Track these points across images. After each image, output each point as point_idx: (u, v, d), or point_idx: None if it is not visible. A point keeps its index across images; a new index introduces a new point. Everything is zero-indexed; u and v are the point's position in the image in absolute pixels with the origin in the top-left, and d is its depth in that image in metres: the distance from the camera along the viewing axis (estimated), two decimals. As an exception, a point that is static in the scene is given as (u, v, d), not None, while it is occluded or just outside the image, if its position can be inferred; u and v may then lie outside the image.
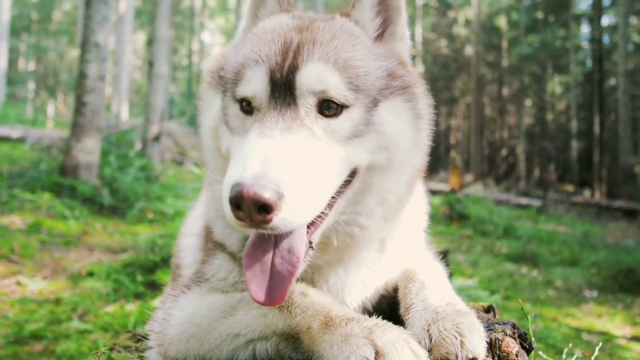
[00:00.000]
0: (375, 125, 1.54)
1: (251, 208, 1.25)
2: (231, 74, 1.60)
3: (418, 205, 1.95)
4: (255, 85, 1.51)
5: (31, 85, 49.21)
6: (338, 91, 1.49)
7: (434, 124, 1.74)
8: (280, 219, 1.28)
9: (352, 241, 1.66)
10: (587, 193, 35.42)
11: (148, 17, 39.38)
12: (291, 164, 1.33)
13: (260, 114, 1.50)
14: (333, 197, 1.49)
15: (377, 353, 1.28)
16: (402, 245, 1.88)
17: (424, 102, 1.69)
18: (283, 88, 1.48)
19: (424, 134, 1.70)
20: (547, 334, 6.15)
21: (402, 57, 1.71)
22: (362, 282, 1.80)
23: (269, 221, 1.27)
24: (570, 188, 36.79)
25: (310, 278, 1.77)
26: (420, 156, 1.72)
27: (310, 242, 1.51)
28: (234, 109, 1.58)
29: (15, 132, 16.58)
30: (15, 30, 41.94)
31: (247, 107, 1.54)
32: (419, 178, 1.81)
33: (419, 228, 1.97)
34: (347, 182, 1.55)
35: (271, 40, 1.57)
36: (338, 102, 1.49)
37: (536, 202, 23.92)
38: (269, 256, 1.41)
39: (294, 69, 1.48)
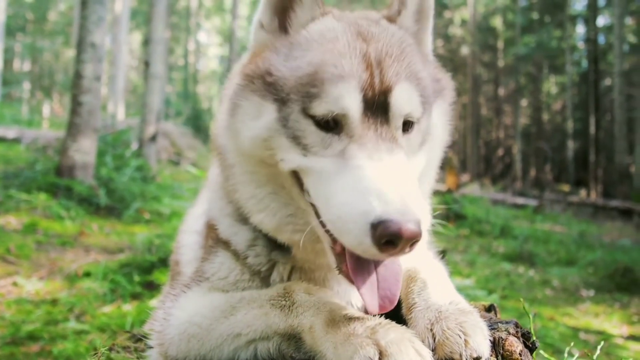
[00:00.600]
0: (431, 129, 1.63)
1: (407, 244, 1.25)
2: (296, 84, 1.48)
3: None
4: (347, 103, 1.42)
5: (27, 85, 49.02)
6: (418, 109, 1.52)
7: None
8: (419, 245, 1.30)
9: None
10: (583, 193, 35.53)
11: (144, 18, 39.34)
12: (413, 189, 1.34)
13: (354, 134, 1.43)
14: None
15: (380, 353, 1.27)
16: None
17: (451, 99, 1.79)
18: (375, 107, 1.44)
19: (447, 125, 1.79)
20: (545, 333, 6.16)
21: (434, 61, 1.79)
22: None
23: (412, 250, 1.29)
24: (566, 188, 36.88)
25: (311, 277, 1.76)
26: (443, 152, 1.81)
27: None
28: (306, 124, 1.46)
29: (10, 133, 16.53)
30: (11, 31, 41.78)
31: (329, 124, 1.45)
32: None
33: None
34: None
35: (344, 52, 1.48)
36: (416, 119, 1.53)
37: (532, 202, 23.96)
38: (373, 267, 1.41)
39: (387, 90, 1.45)
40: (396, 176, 1.34)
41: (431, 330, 1.39)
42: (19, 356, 4.18)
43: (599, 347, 1.94)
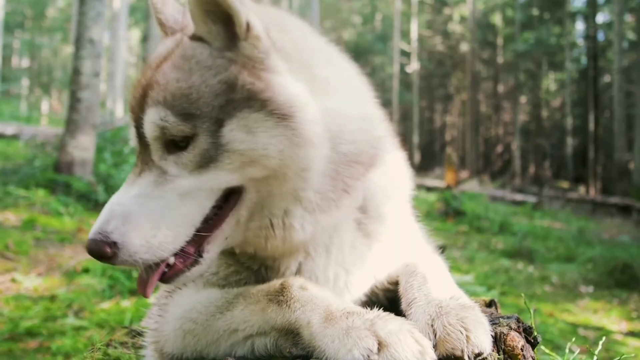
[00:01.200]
0: (225, 146, 1.46)
1: (96, 258, 1.46)
2: None
3: (393, 178, 1.86)
4: (132, 136, 1.63)
5: (25, 82, 48.98)
6: (176, 127, 1.47)
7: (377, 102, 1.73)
8: (120, 260, 1.44)
9: (283, 240, 1.61)
10: (582, 189, 35.58)
11: (143, 14, 39.26)
12: (127, 211, 1.47)
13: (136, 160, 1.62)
14: (217, 215, 1.55)
15: (380, 344, 1.26)
16: (385, 224, 1.79)
17: (284, 97, 1.51)
18: (140, 134, 1.56)
19: (309, 124, 1.52)
20: (544, 329, 6.16)
21: (249, 59, 1.52)
22: (344, 270, 1.74)
23: (113, 263, 1.46)
24: (565, 184, 36.92)
25: (277, 266, 1.74)
26: (321, 146, 1.54)
27: (201, 252, 1.55)
28: None
29: (9, 129, 16.50)
30: (9, 27, 41.69)
31: None
32: (372, 157, 1.69)
33: (400, 199, 1.90)
34: (237, 198, 1.56)
35: (135, 84, 1.64)
36: (180, 137, 1.49)
37: (531, 199, 23.98)
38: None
39: (140, 118, 1.54)
40: (117, 199, 1.51)
41: (432, 325, 1.36)
42: (18, 352, 4.18)
43: (600, 343, 1.93)
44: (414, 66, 44.99)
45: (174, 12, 1.79)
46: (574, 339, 2.09)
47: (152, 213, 1.47)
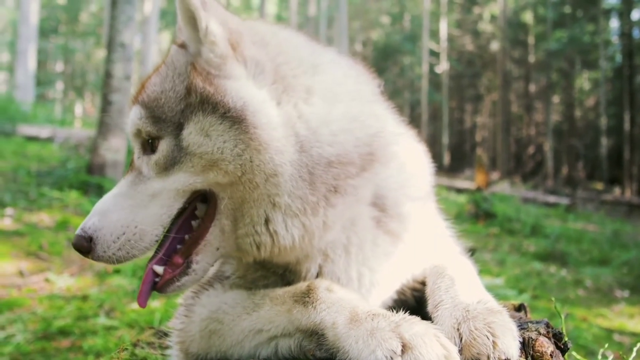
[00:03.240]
0: (186, 149, 1.54)
1: (78, 252, 1.62)
2: None
3: (410, 175, 1.83)
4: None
5: (59, 85, 50.16)
6: (145, 128, 1.60)
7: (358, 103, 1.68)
8: (97, 255, 1.59)
9: (272, 246, 1.60)
10: (617, 191, 34.75)
11: (173, 17, 39.78)
12: (104, 209, 1.63)
13: None
14: (199, 226, 1.64)
15: (404, 346, 1.25)
16: (407, 224, 1.77)
17: (235, 101, 1.53)
18: None
19: (258, 129, 1.52)
20: (578, 334, 6.02)
21: (207, 64, 1.57)
22: (368, 268, 1.73)
23: (91, 258, 1.60)
24: (599, 186, 36.13)
25: (298, 269, 1.73)
26: (280, 151, 1.53)
27: (189, 262, 1.61)
28: None
29: (44, 132, 16.86)
30: (44, 32, 42.75)
31: None
32: (330, 159, 1.61)
33: (420, 196, 1.85)
34: (214, 207, 1.61)
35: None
36: (150, 138, 1.62)
37: (565, 200, 23.51)
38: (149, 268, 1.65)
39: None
40: (103, 199, 1.67)
41: (458, 329, 1.34)
42: (51, 351, 4.26)
43: (635, 350, 1.87)
44: (443, 66, 44.61)
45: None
46: (606, 345, 2.03)
47: (124, 211, 1.59)
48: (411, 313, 1.39)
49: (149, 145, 1.62)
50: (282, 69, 1.63)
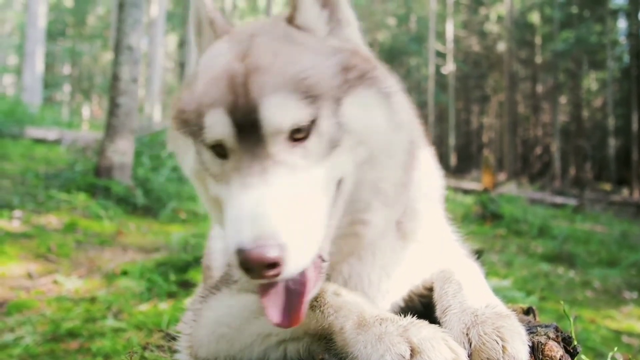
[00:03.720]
0: (346, 126, 1.43)
1: (261, 269, 1.24)
2: (193, 118, 1.47)
3: (426, 175, 1.84)
4: (219, 131, 1.40)
5: (67, 88, 50.41)
6: (300, 113, 1.37)
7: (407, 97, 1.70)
8: (289, 269, 1.26)
9: (358, 238, 1.61)
10: (625, 192, 34.53)
11: (180, 20, 39.93)
12: (280, 209, 1.29)
13: (235, 158, 1.40)
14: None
15: (412, 350, 1.25)
16: (420, 221, 1.78)
17: (389, 80, 1.59)
18: (248, 128, 1.38)
19: (400, 107, 1.59)
20: (586, 336, 5.99)
21: (354, 45, 1.61)
22: (385, 273, 1.73)
23: (280, 273, 1.26)
24: (607, 187, 35.92)
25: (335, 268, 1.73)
26: (406, 132, 1.59)
27: (321, 257, 1.44)
28: (208, 155, 1.48)
29: (51, 134, 16.94)
30: (52, 35, 42.96)
31: (221, 151, 1.44)
32: (417, 150, 1.70)
33: (433, 197, 1.87)
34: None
35: (216, 77, 1.45)
36: (305, 123, 1.39)
37: (572, 201, 23.39)
38: (282, 282, 1.37)
39: (254, 108, 1.37)
40: (261, 201, 1.29)
41: (467, 334, 1.34)
42: (59, 353, 4.27)
43: (644, 353, 1.86)
44: (449, 67, 44.51)
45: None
46: (615, 348, 2.02)
47: (300, 210, 1.33)
48: (419, 318, 1.39)
49: (296, 132, 1.39)
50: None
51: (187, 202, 10.44)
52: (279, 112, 1.36)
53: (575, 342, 1.46)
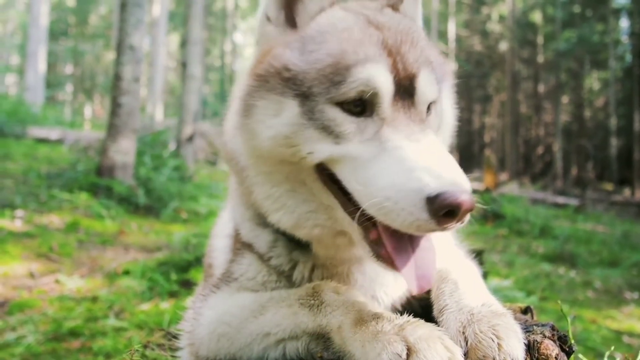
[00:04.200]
0: (442, 111, 1.67)
1: (464, 214, 1.29)
2: (318, 76, 1.46)
3: None
4: (379, 82, 1.43)
5: (69, 88, 50.46)
6: (436, 90, 1.55)
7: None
8: (472, 204, 1.31)
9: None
10: (627, 192, 34.50)
11: (181, 19, 39.93)
12: (456, 165, 1.36)
13: (386, 117, 1.45)
14: None
15: (409, 349, 1.26)
16: None
17: (452, 82, 1.81)
18: (402, 91, 1.47)
19: (454, 114, 1.83)
20: (586, 336, 5.99)
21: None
22: (383, 272, 1.75)
23: (470, 209, 1.30)
24: (609, 187, 35.88)
25: (334, 272, 1.75)
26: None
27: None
28: (335, 113, 1.45)
29: (54, 134, 16.98)
30: (54, 35, 43.02)
31: (359, 109, 1.45)
32: None
33: None
34: None
35: (362, 39, 1.49)
36: (435, 100, 1.58)
37: (574, 201, 23.38)
38: (410, 249, 1.43)
39: (412, 76, 1.48)
40: (437, 154, 1.36)
41: (463, 333, 1.36)
42: (61, 352, 4.29)
43: (641, 352, 1.87)
44: (451, 66, 44.44)
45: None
46: (613, 347, 2.03)
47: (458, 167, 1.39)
48: (416, 317, 1.40)
49: (429, 106, 1.56)
50: None
51: (188, 201, 10.45)
52: (429, 86, 1.51)
53: (572, 341, 1.47)
